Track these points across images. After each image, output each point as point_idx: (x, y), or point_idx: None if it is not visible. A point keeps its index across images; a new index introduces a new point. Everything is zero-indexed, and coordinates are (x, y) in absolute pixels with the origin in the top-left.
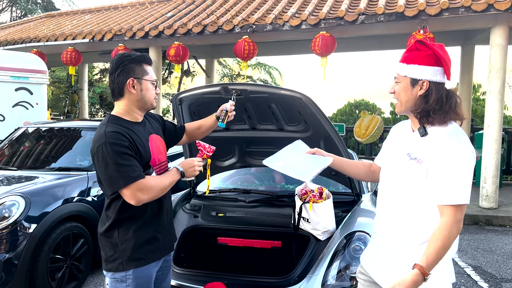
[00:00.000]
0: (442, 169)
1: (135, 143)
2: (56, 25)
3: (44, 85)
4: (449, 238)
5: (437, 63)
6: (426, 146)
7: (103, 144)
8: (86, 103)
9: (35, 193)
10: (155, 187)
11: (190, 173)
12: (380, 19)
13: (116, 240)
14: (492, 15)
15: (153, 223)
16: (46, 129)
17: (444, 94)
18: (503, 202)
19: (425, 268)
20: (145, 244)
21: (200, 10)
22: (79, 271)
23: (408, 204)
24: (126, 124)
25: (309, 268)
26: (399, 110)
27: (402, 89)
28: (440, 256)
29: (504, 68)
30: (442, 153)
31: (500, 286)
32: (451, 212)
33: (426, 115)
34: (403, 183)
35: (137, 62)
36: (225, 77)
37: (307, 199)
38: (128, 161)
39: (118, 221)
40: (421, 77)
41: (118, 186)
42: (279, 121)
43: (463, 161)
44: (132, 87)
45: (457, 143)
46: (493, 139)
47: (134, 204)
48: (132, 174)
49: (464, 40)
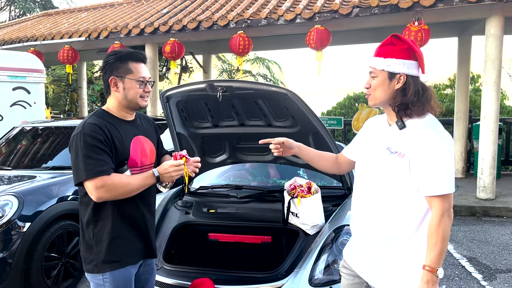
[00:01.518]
0: (425, 161)
1: (112, 138)
2: (53, 24)
3: (42, 84)
4: (444, 228)
5: (412, 57)
6: (406, 139)
7: (78, 134)
8: (85, 101)
9: (29, 192)
10: (119, 187)
11: (166, 178)
12: (374, 11)
13: (91, 241)
14: (487, 5)
15: (128, 225)
16: (42, 128)
17: (420, 87)
18: (501, 193)
19: (431, 266)
20: (119, 247)
21: (195, 6)
22: (75, 269)
23: (390, 198)
24: (112, 119)
25: (297, 263)
26: (372, 103)
27: (379, 83)
28: (442, 248)
29: (499, 59)
30: (424, 145)
31: (494, 277)
32: (439, 202)
33: (404, 108)
34: (385, 177)
35: (122, 60)
36: (224, 72)
37: (295, 194)
38: (97, 154)
39: (92, 221)
40: (398, 70)
41: (81, 177)
42: (267, 117)
43: (445, 151)
44: (114, 85)
45: (436, 134)
46: (489, 130)
47: (94, 199)
48: (97, 168)
49: (460, 31)
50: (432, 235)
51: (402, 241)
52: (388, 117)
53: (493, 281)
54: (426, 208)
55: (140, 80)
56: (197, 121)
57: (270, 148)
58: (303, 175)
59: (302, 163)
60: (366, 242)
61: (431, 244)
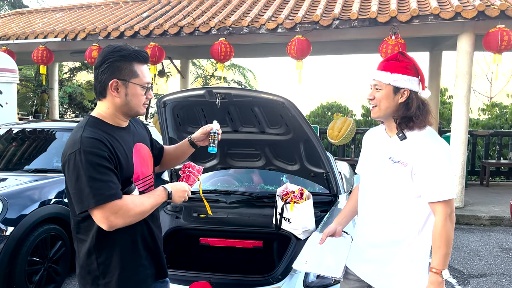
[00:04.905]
0: (428, 169)
1: (116, 153)
2: (26, 23)
3: (14, 84)
4: (447, 232)
5: (415, 73)
6: (408, 149)
7: (77, 152)
8: (56, 103)
9: (12, 195)
10: (133, 211)
11: (178, 198)
12: (354, 24)
13: (95, 272)
14: (459, 23)
15: (139, 248)
16: (20, 130)
17: (420, 102)
18: (469, 202)
19: (436, 268)
20: (133, 275)
21: (176, 11)
22: (57, 274)
23: (394, 204)
24: (108, 129)
25: (291, 266)
26: (376, 115)
27: (383, 96)
28: (447, 251)
29: (470, 74)
30: (426, 154)
31: (467, 282)
32: (442, 208)
33: (407, 120)
34: (388, 185)
35: (127, 60)
36: (199, 77)
37: (288, 200)
38: (104, 175)
39: (95, 249)
40: (403, 85)
41: (88, 204)
42: (261, 124)
43: (445, 159)
44: (115, 89)
45: (437, 144)
46: (460, 141)
47: (105, 228)
48: (107, 192)
49: (432, 46)
50: (436, 239)
51: (406, 245)
52: (388, 129)
53: (466, 286)
54: (428, 213)
55: (145, 86)
56: (191, 127)
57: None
58: (286, 181)
59: (291, 170)
60: (370, 247)
61: (435, 247)
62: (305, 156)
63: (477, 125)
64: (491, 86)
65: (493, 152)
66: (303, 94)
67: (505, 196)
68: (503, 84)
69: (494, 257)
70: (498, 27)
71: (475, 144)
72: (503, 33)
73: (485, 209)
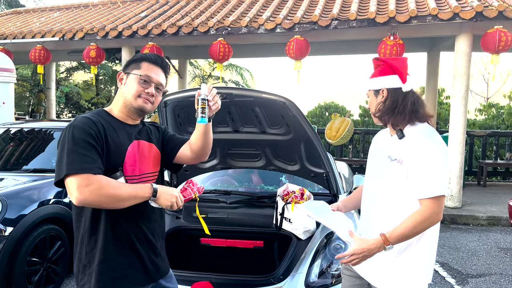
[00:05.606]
0: (418, 165)
1: (106, 136)
2: (23, 22)
3: (12, 83)
4: (421, 223)
5: (391, 72)
6: (404, 147)
7: (68, 127)
8: (53, 103)
9: (12, 196)
10: (105, 190)
11: (164, 200)
12: (352, 24)
13: (84, 260)
14: (457, 23)
15: (121, 247)
16: (18, 130)
17: (400, 97)
18: (466, 202)
19: (387, 238)
20: (108, 271)
21: (174, 11)
22: (56, 274)
23: (393, 203)
24: (110, 119)
25: (292, 267)
26: (375, 121)
27: (370, 101)
28: (406, 235)
29: (467, 74)
30: (418, 150)
31: (466, 282)
32: (429, 204)
33: (385, 116)
34: (387, 184)
35: (138, 59)
36: (196, 77)
37: (289, 200)
38: (85, 150)
39: (85, 236)
40: (380, 86)
41: (61, 172)
42: (262, 124)
43: (437, 156)
44: (120, 80)
45: (430, 141)
46: (458, 142)
47: (75, 202)
48: (82, 164)
49: (430, 46)
50: (408, 219)
51: (406, 243)
52: (390, 130)
53: (465, 286)
54: None
55: (144, 78)
56: (191, 127)
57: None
58: (285, 181)
59: (292, 170)
60: (369, 225)
61: (403, 223)
62: (305, 156)
63: (474, 125)
64: (488, 87)
65: (490, 153)
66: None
67: (502, 196)
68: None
69: (492, 257)
70: (496, 27)
71: (472, 145)
72: (501, 33)
73: (483, 209)
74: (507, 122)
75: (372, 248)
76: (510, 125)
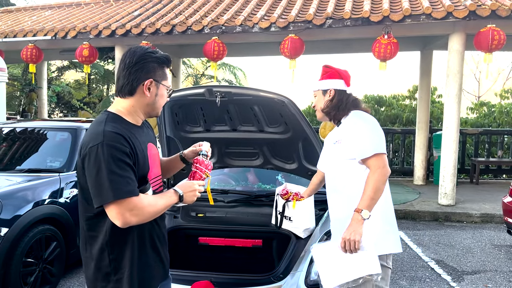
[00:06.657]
0: (352, 136)
1: (135, 150)
2: (14, 21)
3: (3, 83)
4: (378, 180)
5: (338, 76)
6: (341, 130)
7: (100, 145)
8: (45, 102)
9: (6, 196)
10: (147, 210)
11: (189, 198)
12: (346, 23)
13: (107, 268)
14: (450, 22)
15: (150, 247)
16: (11, 130)
17: (344, 96)
18: (460, 199)
19: (358, 207)
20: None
21: (168, 10)
22: (52, 275)
23: (342, 178)
24: (128, 125)
25: (292, 265)
26: (319, 116)
27: (318, 100)
28: (372, 196)
29: (461, 73)
30: (349, 126)
31: (462, 279)
32: (373, 162)
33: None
34: (336, 164)
35: (160, 62)
36: (189, 76)
37: (290, 198)
38: (124, 171)
39: (107, 245)
40: (328, 87)
41: (107, 198)
42: (260, 122)
43: (365, 124)
44: (147, 89)
45: (358, 117)
46: (451, 140)
47: (119, 225)
48: (125, 188)
49: (423, 45)
50: (366, 185)
51: None
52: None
53: (461, 282)
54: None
55: (171, 92)
56: (189, 125)
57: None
58: (281, 180)
59: (289, 169)
60: (337, 221)
61: (364, 191)
62: (303, 154)
63: (466, 123)
64: (479, 85)
65: (482, 151)
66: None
67: (494, 194)
68: (491, 83)
69: (487, 254)
70: (489, 26)
71: (464, 143)
72: (494, 32)
73: (476, 206)
74: (498, 120)
75: (353, 224)
76: (501, 123)
